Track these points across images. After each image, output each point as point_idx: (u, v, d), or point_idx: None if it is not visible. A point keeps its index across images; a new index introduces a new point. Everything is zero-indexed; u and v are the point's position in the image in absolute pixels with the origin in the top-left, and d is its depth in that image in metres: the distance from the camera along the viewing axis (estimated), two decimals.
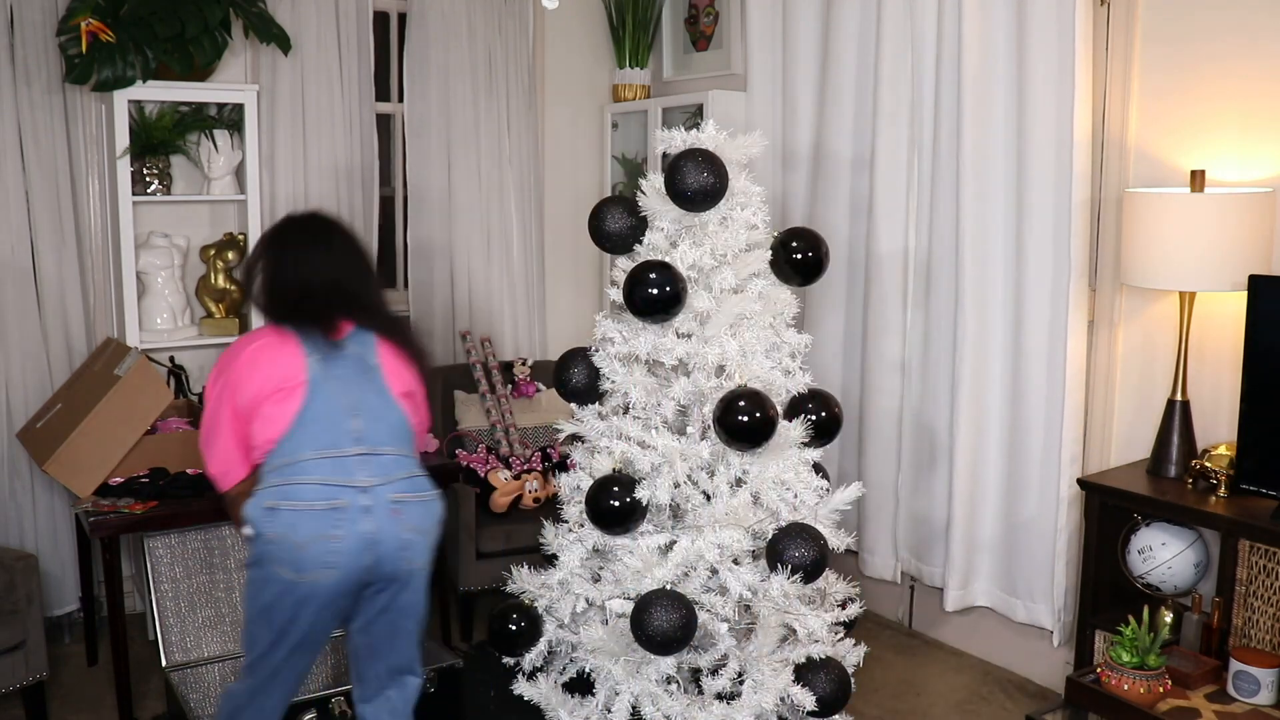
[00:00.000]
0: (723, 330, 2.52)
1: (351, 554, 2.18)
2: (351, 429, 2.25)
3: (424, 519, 2.29)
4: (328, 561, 2.17)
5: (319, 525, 2.16)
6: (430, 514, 2.32)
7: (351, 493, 2.19)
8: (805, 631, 2.52)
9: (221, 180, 3.84)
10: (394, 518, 2.21)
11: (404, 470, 2.28)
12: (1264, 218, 2.68)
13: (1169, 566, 2.78)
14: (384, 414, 2.30)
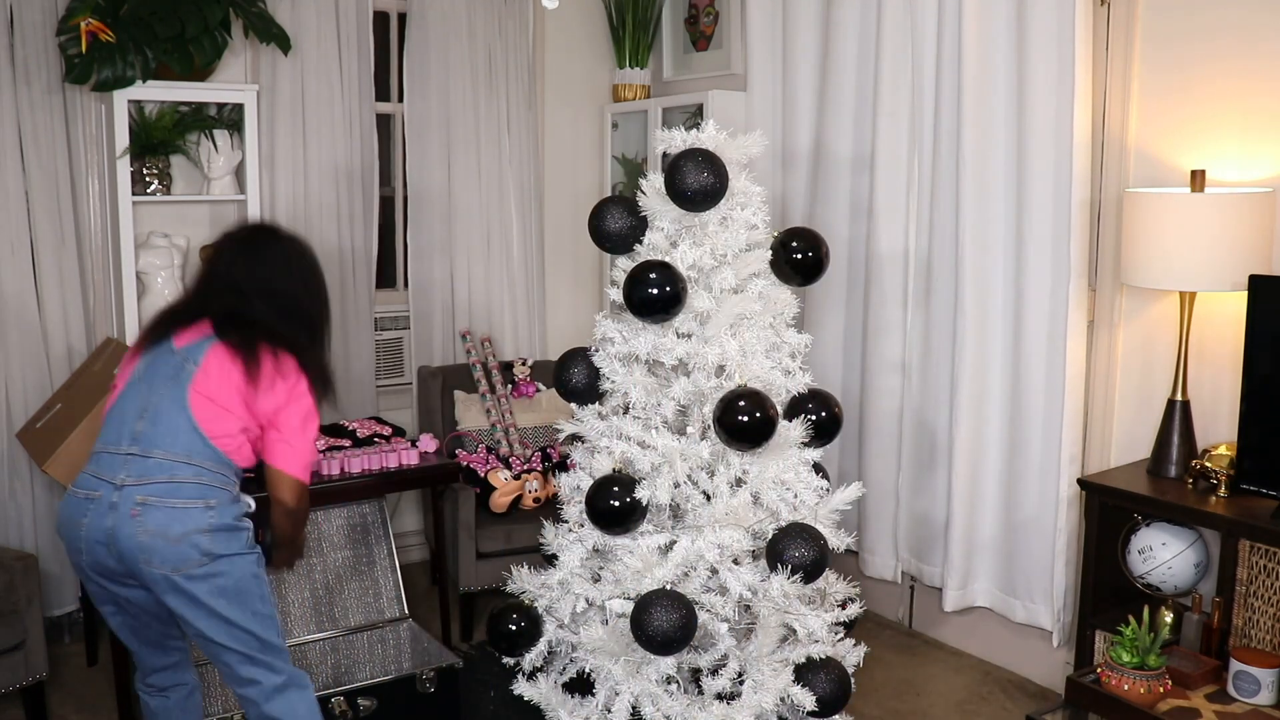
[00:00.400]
0: (723, 330, 2.52)
1: (90, 544, 2.23)
2: (134, 429, 2.28)
3: (166, 525, 2.20)
4: (75, 546, 2.26)
5: (72, 512, 2.26)
6: (176, 521, 2.21)
7: (108, 488, 2.23)
8: (805, 631, 2.52)
9: (221, 180, 3.84)
10: (132, 519, 2.19)
11: (165, 474, 2.23)
12: (1264, 218, 2.68)
13: (1169, 566, 2.78)
14: (171, 419, 2.28)
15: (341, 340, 4.19)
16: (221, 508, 2.27)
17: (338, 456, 3.41)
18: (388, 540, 3.51)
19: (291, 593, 3.32)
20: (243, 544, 2.30)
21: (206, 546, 2.22)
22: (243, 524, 2.33)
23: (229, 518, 2.28)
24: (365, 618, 3.39)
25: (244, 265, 2.45)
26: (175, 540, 2.19)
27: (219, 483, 2.30)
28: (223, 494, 2.30)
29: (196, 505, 2.24)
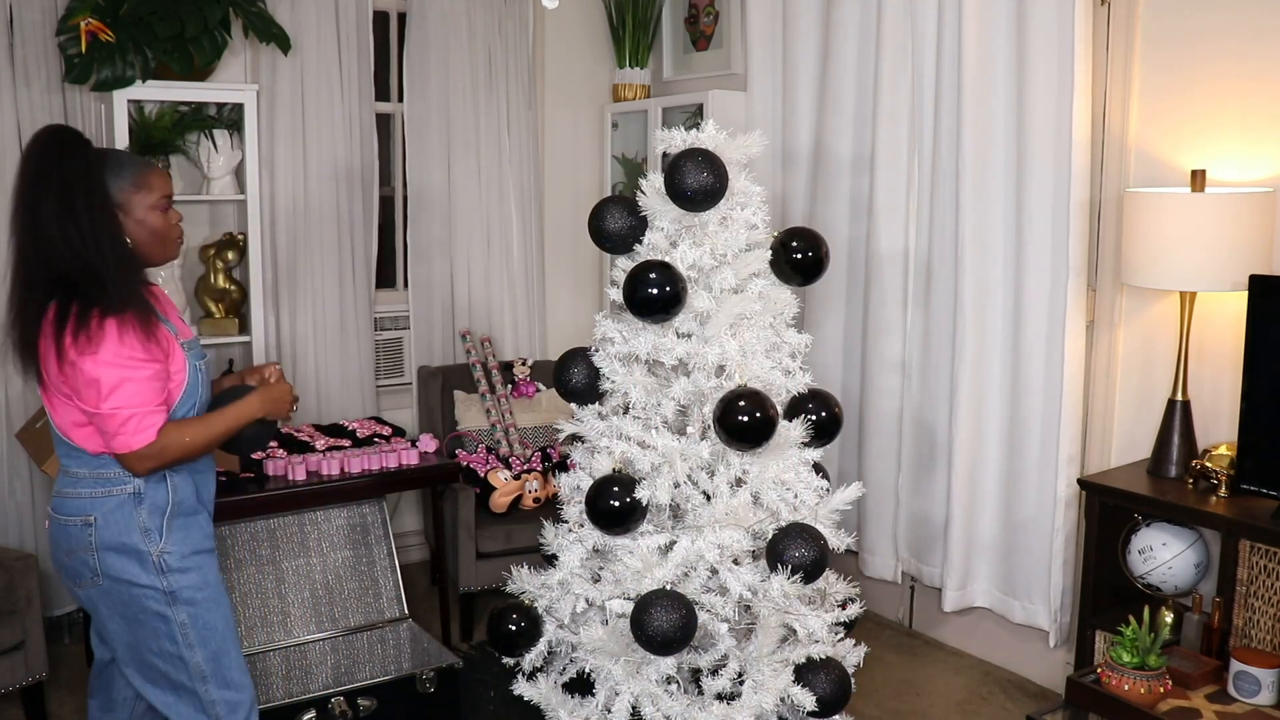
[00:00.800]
0: (723, 330, 2.52)
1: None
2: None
3: (57, 541, 2.11)
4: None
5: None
6: (62, 538, 2.09)
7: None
8: (805, 632, 2.52)
9: (221, 180, 3.84)
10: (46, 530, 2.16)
11: (57, 485, 2.14)
12: (1264, 218, 2.68)
13: (1169, 566, 2.78)
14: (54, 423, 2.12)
15: (341, 340, 4.19)
16: (104, 523, 2.07)
17: (338, 456, 3.41)
18: (388, 540, 3.50)
19: (291, 593, 3.32)
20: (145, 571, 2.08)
21: (95, 566, 2.07)
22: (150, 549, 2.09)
23: (121, 535, 2.07)
24: (365, 618, 3.39)
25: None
26: (67, 554, 2.10)
27: (102, 490, 2.09)
28: (108, 503, 2.08)
29: (63, 519, 2.10)
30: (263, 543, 3.33)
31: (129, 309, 2.02)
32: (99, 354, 1.97)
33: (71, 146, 2.03)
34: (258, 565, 3.30)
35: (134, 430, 2.02)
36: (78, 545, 2.07)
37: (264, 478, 3.33)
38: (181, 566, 2.12)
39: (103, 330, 1.98)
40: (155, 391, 2.05)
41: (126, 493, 2.09)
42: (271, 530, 3.35)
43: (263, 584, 3.29)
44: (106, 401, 1.99)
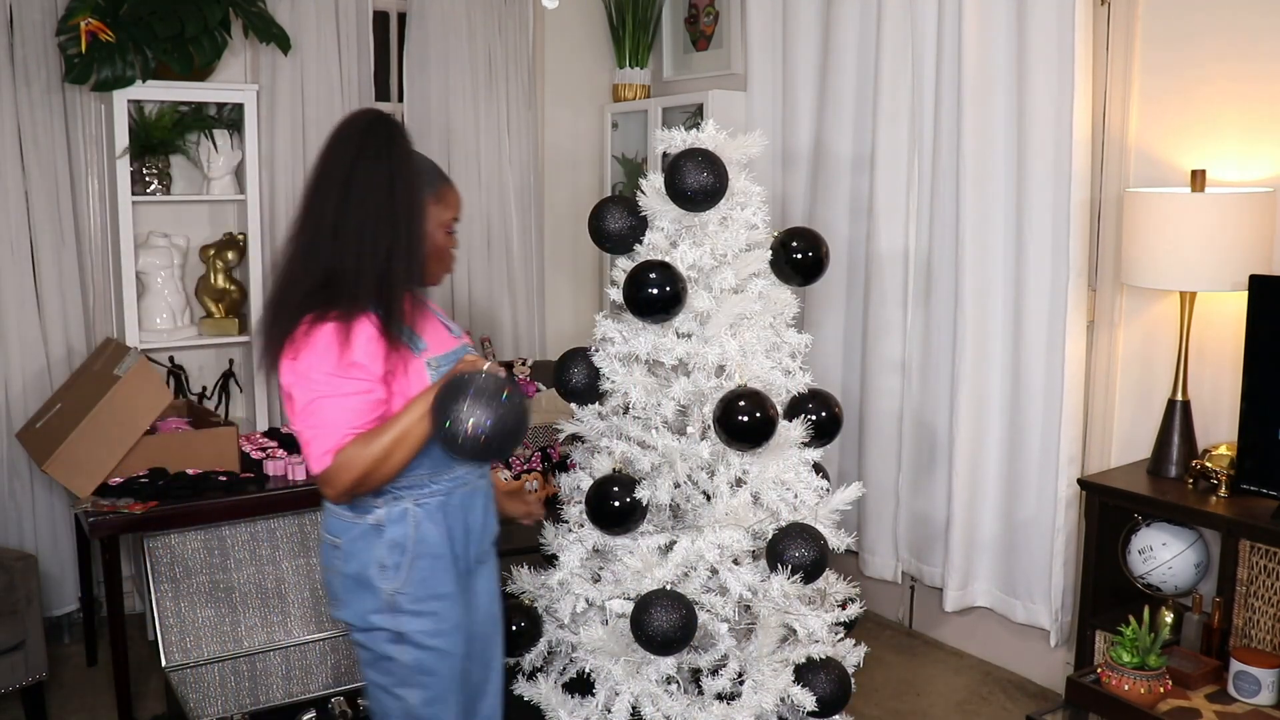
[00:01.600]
0: (723, 330, 2.52)
1: None
2: None
3: (325, 557, 2.01)
4: None
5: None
6: (322, 553, 2.01)
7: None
8: (805, 632, 2.52)
9: (221, 180, 3.84)
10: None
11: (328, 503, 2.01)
12: (1264, 218, 2.68)
13: (1169, 566, 2.78)
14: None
15: None
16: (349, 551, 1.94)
17: None
18: None
19: (291, 593, 3.32)
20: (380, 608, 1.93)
21: (336, 589, 1.97)
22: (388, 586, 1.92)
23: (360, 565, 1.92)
24: None
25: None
26: (331, 573, 2.00)
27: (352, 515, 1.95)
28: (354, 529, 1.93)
29: (329, 540, 1.98)
30: (263, 543, 3.33)
31: (353, 319, 1.81)
32: (297, 363, 1.81)
33: (400, 137, 1.88)
34: (258, 565, 3.30)
35: (314, 455, 1.84)
36: (328, 565, 1.99)
37: (264, 478, 3.33)
38: (415, 610, 1.94)
39: (309, 339, 1.80)
40: (352, 415, 1.82)
41: (368, 523, 1.93)
42: (271, 530, 3.35)
43: (263, 584, 3.29)
44: (297, 419, 1.84)
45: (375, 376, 1.83)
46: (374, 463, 1.82)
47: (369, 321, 1.81)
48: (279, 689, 3.03)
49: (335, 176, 1.83)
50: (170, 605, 3.14)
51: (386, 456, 1.83)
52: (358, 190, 1.82)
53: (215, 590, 3.22)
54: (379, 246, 1.81)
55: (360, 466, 1.82)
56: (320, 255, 1.83)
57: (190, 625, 3.15)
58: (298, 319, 1.81)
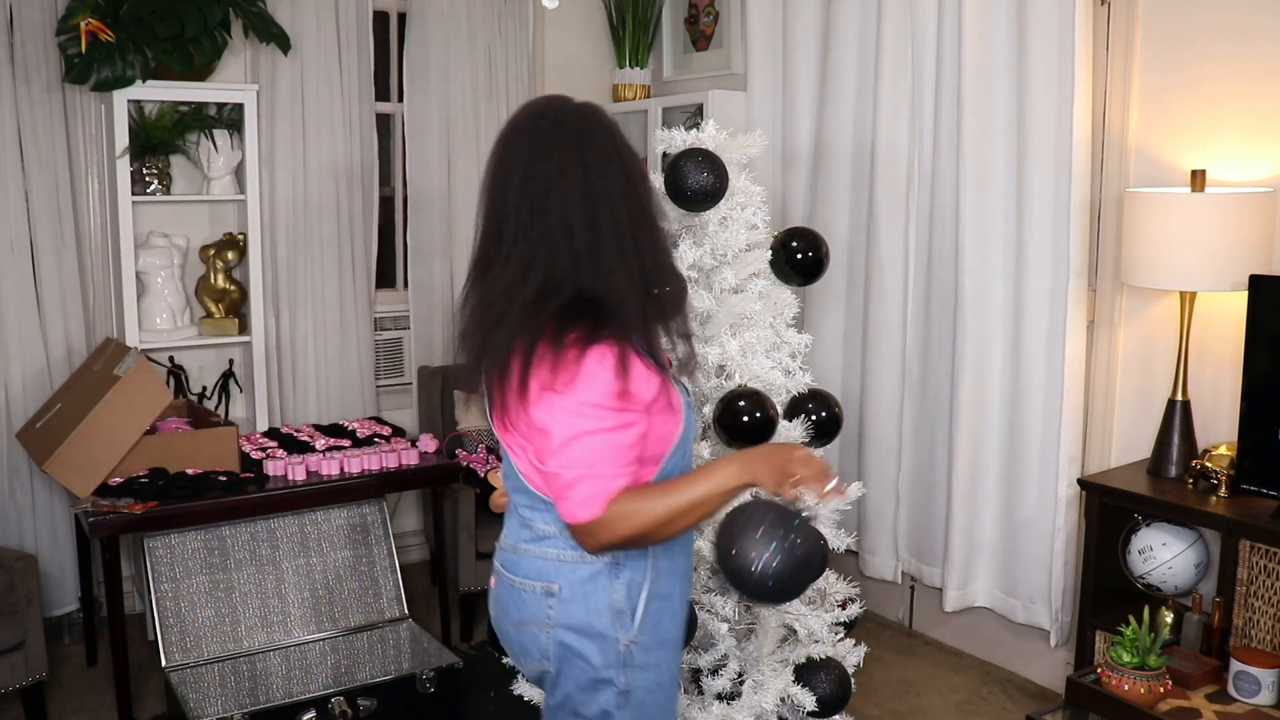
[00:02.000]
0: (723, 330, 2.52)
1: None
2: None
3: (505, 607, 1.71)
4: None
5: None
6: (513, 604, 1.69)
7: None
8: (805, 632, 2.52)
9: (221, 180, 3.84)
10: (490, 594, 1.76)
11: (510, 539, 1.73)
12: (1264, 218, 2.68)
13: (1169, 566, 2.78)
14: (508, 467, 1.72)
15: (341, 340, 4.19)
16: (570, 596, 1.64)
17: (338, 456, 3.41)
18: (388, 540, 3.50)
19: (291, 593, 3.32)
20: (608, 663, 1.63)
21: (545, 645, 1.66)
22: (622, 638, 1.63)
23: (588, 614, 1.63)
24: (365, 618, 3.39)
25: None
26: (517, 625, 1.69)
27: (574, 555, 1.64)
28: (579, 571, 1.65)
29: (526, 582, 1.68)
30: (263, 543, 3.33)
31: (624, 343, 1.55)
32: (560, 393, 1.53)
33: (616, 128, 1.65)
34: (258, 565, 3.30)
35: (579, 499, 1.54)
36: (532, 616, 1.66)
37: (264, 478, 3.33)
38: (644, 662, 1.66)
39: (580, 365, 1.52)
40: (620, 452, 1.55)
41: (603, 562, 1.64)
42: (271, 530, 3.35)
43: (263, 584, 3.29)
44: (555, 458, 1.55)
45: (644, 408, 1.57)
46: (658, 523, 1.55)
47: (633, 346, 1.56)
48: (279, 689, 3.03)
49: (570, 173, 1.56)
50: (170, 605, 3.15)
51: (672, 520, 1.56)
52: (601, 191, 1.56)
53: (215, 590, 3.22)
54: (643, 258, 1.58)
55: (641, 523, 1.55)
56: (556, 266, 1.55)
57: (190, 625, 3.15)
58: (541, 338, 1.54)
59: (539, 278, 1.56)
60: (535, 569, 1.66)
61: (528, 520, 1.68)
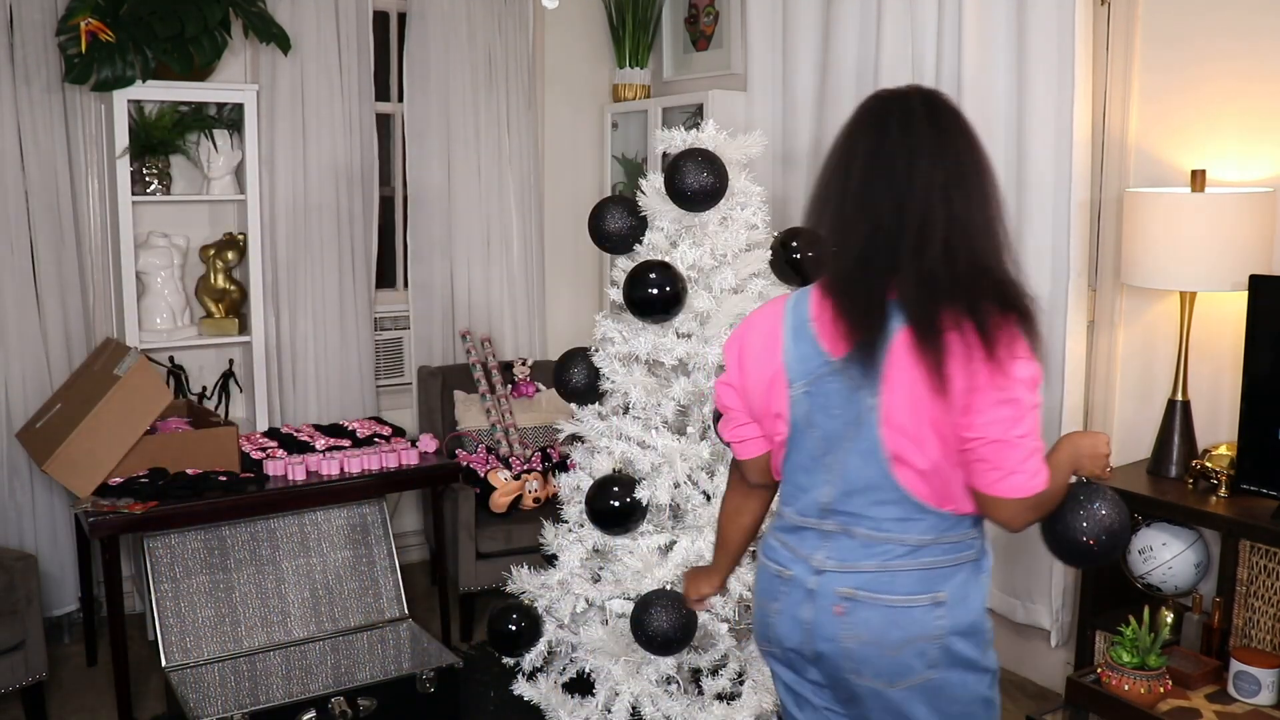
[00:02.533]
0: (723, 330, 2.52)
1: (786, 639, 1.73)
2: (821, 496, 1.68)
3: (876, 630, 1.63)
4: (764, 634, 1.78)
5: (767, 590, 1.76)
6: (894, 625, 1.62)
7: (804, 568, 1.69)
8: None
9: (221, 180, 3.84)
10: (836, 617, 1.65)
11: (875, 560, 1.64)
12: (1264, 218, 2.68)
13: (1169, 566, 2.78)
14: (865, 480, 1.64)
15: (341, 340, 4.19)
16: (955, 600, 1.63)
17: (337, 456, 3.41)
18: (388, 540, 3.51)
19: (291, 593, 3.32)
20: (983, 652, 1.66)
21: (934, 657, 1.63)
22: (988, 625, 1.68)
23: (971, 613, 1.65)
24: (365, 618, 3.39)
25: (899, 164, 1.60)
26: (888, 647, 1.63)
27: (949, 559, 1.64)
28: (956, 575, 1.65)
29: (911, 600, 1.63)
30: (263, 543, 3.33)
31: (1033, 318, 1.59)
32: (1027, 367, 1.54)
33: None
34: (258, 565, 3.30)
35: (1035, 469, 1.56)
36: (921, 632, 1.62)
37: (264, 478, 3.33)
38: (992, 637, 1.71)
39: (1024, 341, 1.55)
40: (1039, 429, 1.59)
41: (970, 559, 1.66)
42: (271, 530, 3.35)
43: (263, 584, 3.29)
44: (1018, 426, 1.54)
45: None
46: (1054, 501, 1.65)
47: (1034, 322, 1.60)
48: (279, 689, 3.03)
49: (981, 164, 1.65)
50: (170, 605, 3.15)
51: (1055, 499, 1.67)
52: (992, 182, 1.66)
53: (215, 590, 3.22)
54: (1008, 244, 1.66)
55: (1051, 499, 1.63)
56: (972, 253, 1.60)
57: (190, 625, 3.15)
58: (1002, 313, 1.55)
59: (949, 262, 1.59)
60: (917, 582, 1.63)
61: (896, 536, 1.64)
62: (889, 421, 1.59)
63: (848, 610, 1.64)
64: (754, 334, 1.74)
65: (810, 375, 1.64)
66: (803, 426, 1.66)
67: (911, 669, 1.63)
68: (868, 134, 1.64)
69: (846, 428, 1.62)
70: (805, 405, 1.65)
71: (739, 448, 1.81)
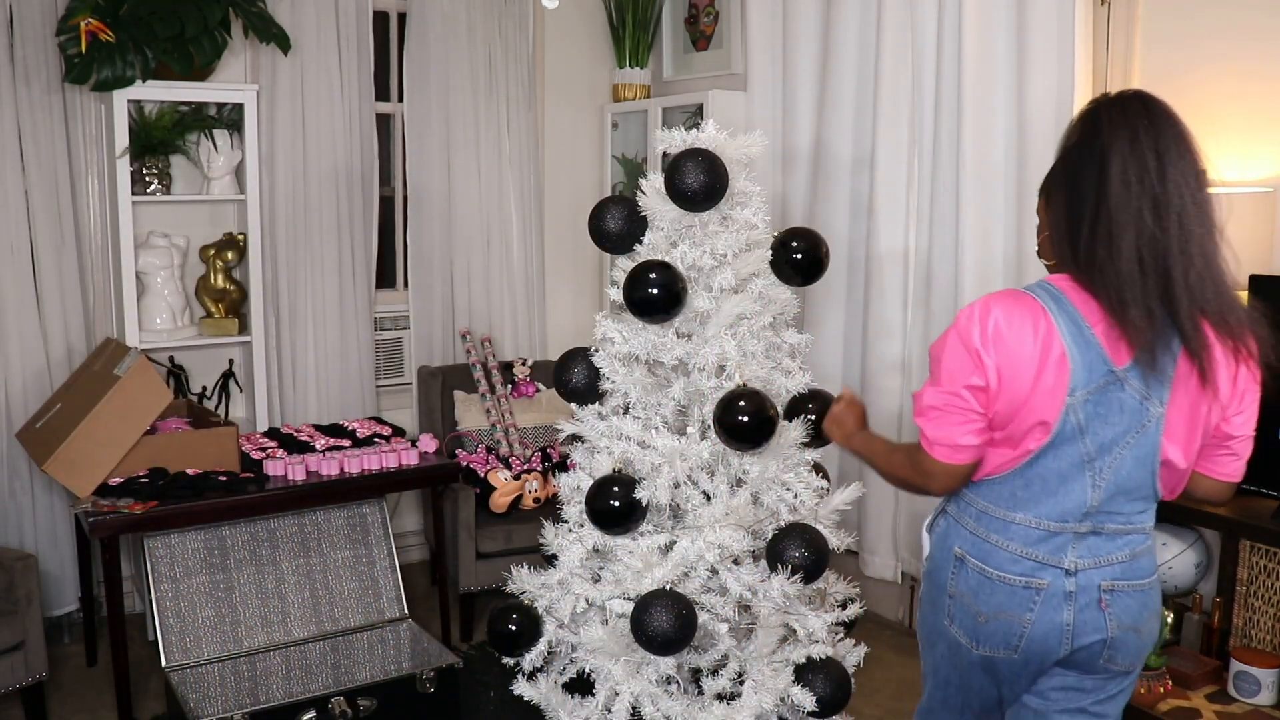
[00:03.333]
0: (722, 330, 2.52)
1: (1038, 640, 1.75)
2: (1087, 500, 1.70)
3: (1135, 615, 1.74)
4: (1009, 643, 1.76)
5: (1010, 603, 1.74)
6: (1145, 606, 1.76)
7: (1056, 574, 1.72)
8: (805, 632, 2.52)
9: (221, 180, 3.84)
10: (1100, 610, 1.72)
11: (1125, 550, 1.74)
12: (1264, 218, 2.68)
13: (1169, 567, 2.78)
14: (1136, 482, 1.70)
15: (341, 340, 4.19)
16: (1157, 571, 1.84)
17: (337, 456, 3.41)
18: (388, 540, 3.51)
19: (291, 593, 3.32)
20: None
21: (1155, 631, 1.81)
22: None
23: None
24: (365, 618, 3.40)
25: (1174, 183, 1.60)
26: (1140, 630, 1.76)
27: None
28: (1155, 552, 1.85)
29: (1152, 580, 1.77)
30: (263, 543, 3.33)
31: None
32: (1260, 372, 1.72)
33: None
34: (258, 565, 3.30)
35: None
36: (1158, 608, 1.81)
37: (264, 478, 3.33)
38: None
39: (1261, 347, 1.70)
40: None
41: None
42: (271, 530, 3.35)
43: (263, 584, 3.29)
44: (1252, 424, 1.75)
45: None
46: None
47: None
48: (279, 689, 3.03)
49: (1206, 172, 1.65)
50: (170, 605, 3.15)
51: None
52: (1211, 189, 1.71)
53: (215, 590, 3.22)
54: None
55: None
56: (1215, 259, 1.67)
57: (190, 625, 3.15)
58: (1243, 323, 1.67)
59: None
60: (1152, 564, 1.78)
61: (1139, 525, 1.75)
62: (1170, 429, 1.66)
63: (1109, 605, 1.72)
64: (1015, 334, 1.67)
65: (1094, 384, 1.63)
66: (1071, 435, 1.65)
67: (1147, 646, 1.80)
68: (1119, 129, 1.61)
69: (1126, 434, 1.66)
70: (1081, 414, 1.64)
71: (955, 452, 1.74)
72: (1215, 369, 1.63)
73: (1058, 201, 1.68)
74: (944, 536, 1.85)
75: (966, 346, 1.74)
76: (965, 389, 1.72)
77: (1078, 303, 1.64)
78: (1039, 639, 1.73)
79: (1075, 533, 1.71)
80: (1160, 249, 1.58)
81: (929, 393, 1.79)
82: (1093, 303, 1.62)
